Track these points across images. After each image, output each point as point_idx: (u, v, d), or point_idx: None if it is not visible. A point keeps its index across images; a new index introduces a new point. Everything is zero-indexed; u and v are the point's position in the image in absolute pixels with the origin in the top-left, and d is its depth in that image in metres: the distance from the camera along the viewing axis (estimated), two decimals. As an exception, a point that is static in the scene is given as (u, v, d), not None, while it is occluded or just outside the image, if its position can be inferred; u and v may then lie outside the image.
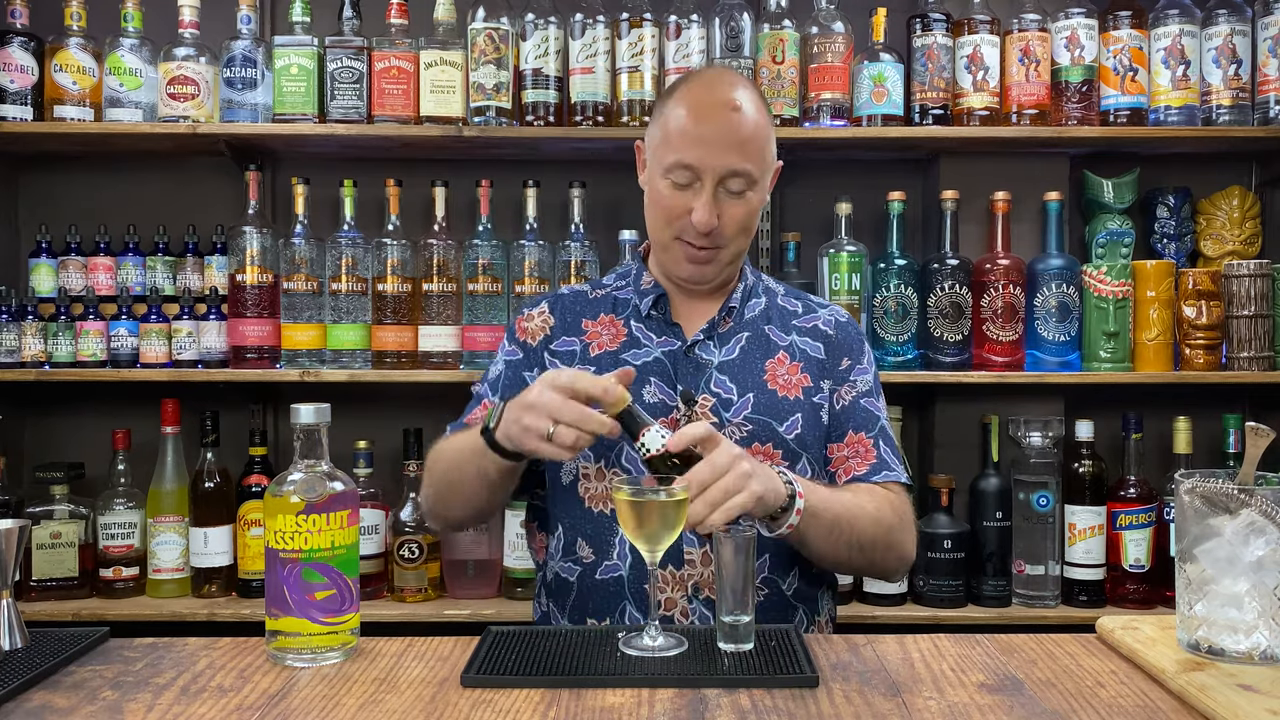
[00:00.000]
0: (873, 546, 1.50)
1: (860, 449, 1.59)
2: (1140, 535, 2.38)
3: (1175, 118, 2.43)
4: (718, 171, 1.49)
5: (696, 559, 1.49)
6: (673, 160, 1.50)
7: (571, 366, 1.58)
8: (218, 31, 2.46)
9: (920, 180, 2.67)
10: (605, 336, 1.61)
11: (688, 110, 1.51)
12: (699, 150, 1.49)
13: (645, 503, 1.23)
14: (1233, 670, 1.14)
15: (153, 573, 2.40)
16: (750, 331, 1.61)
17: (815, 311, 1.68)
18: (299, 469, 1.25)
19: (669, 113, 1.54)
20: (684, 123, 1.50)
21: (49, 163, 2.67)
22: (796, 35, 2.42)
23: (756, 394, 1.55)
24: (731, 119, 1.50)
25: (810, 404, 1.58)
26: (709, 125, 1.49)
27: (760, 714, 1.07)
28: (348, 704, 1.10)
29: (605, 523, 1.52)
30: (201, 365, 2.44)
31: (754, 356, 1.59)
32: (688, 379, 1.56)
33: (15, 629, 1.24)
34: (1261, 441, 1.24)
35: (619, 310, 1.64)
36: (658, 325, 1.61)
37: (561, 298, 1.69)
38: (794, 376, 1.58)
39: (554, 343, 1.63)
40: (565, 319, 1.65)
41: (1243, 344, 2.41)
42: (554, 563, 1.58)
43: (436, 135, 2.38)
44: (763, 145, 1.54)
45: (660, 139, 1.54)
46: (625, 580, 1.51)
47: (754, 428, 1.53)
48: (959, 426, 2.54)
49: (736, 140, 1.50)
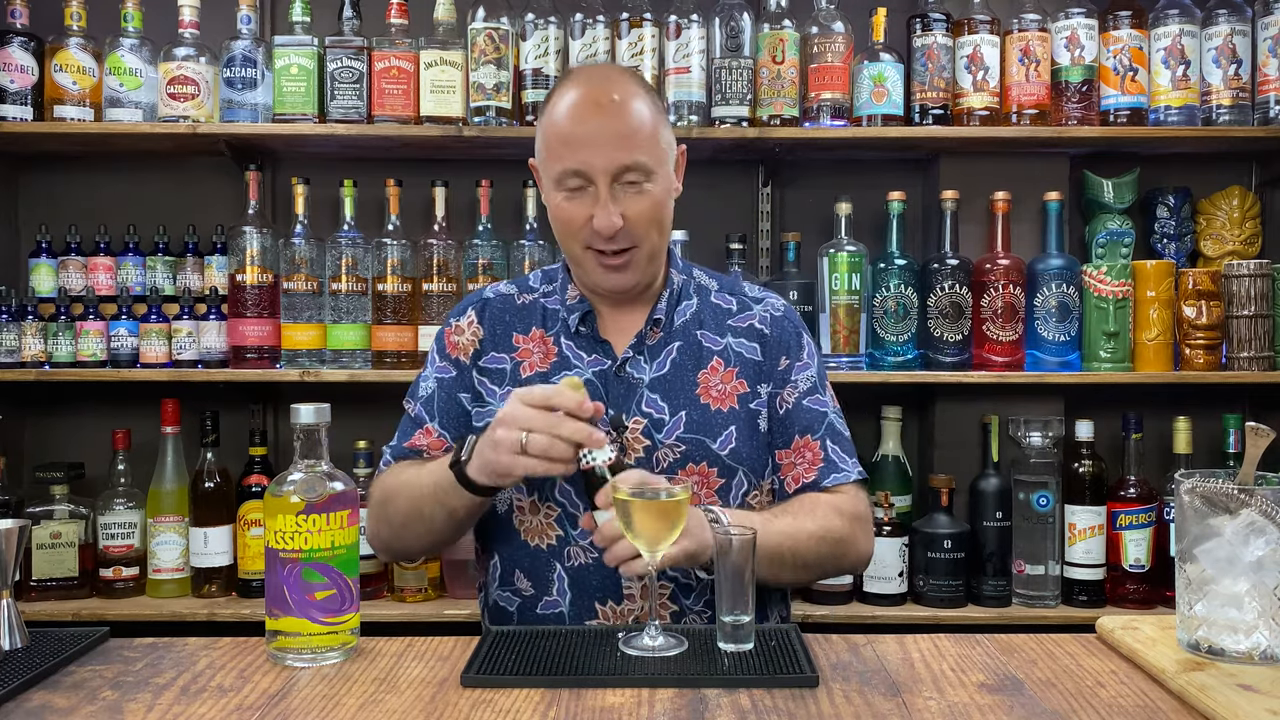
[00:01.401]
0: (819, 563, 1.50)
1: (807, 454, 1.54)
2: (1140, 535, 2.38)
3: (1175, 118, 2.43)
4: (608, 170, 1.43)
5: (636, 593, 1.47)
6: (560, 170, 1.45)
7: (501, 387, 1.54)
8: (218, 31, 2.46)
9: (920, 180, 2.67)
10: (536, 355, 1.55)
11: (564, 116, 1.45)
12: (583, 153, 1.43)
13: (645, 502, 1.23)
14: (1233, 670, 1.14)
15: (153, 573, 2.40)
16: (681, 340, 1.55)
17: (750, 309, 1.60)
18: (299, 469, 1.25)
19: (546, 123, 1.48)
20: (562, 129, 1.44)
21: (49, 163, 2.67)
22: (796, 35, 2.42)
23: (689, 410, 1.50)
24: (609, 115, 1.43)
25: (746, 411, 1.53)
26: (587, 125, 1.43)
27: (760, 714, 1.07)
28: (348, 704, 1.10)
29: (543, 557, 1.49)
30: (201, 365, 2.44)
31: (685, 369, 1.53)
32: (619, 401, 1.50)
33: (15, 629, 1.24)
34: (1261, 441, 1.24)
35: (549, 324, 1.57)
36: (587, 343, 1.55)
37: (489, 303, 1.61)
38: (728, 385, 1.53)
39: (483, 358, 1.57)
40: (494, 330, 1.58)
41: (1243, 344, 2.41)
42: (492, 589, 1.56)
43: (436, 135, 2.39)
44: (651, 133, 1.45)
45: (545, 152, 1.49)
46: (566, 617, 1.48)
47: (687, 448, 1.49)
48: (959, 426, 2.54)
49: (619, 135, 1.43)
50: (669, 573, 1.46)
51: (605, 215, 1.43)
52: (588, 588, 1.48)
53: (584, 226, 1.46)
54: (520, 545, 1.52)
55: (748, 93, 2.41)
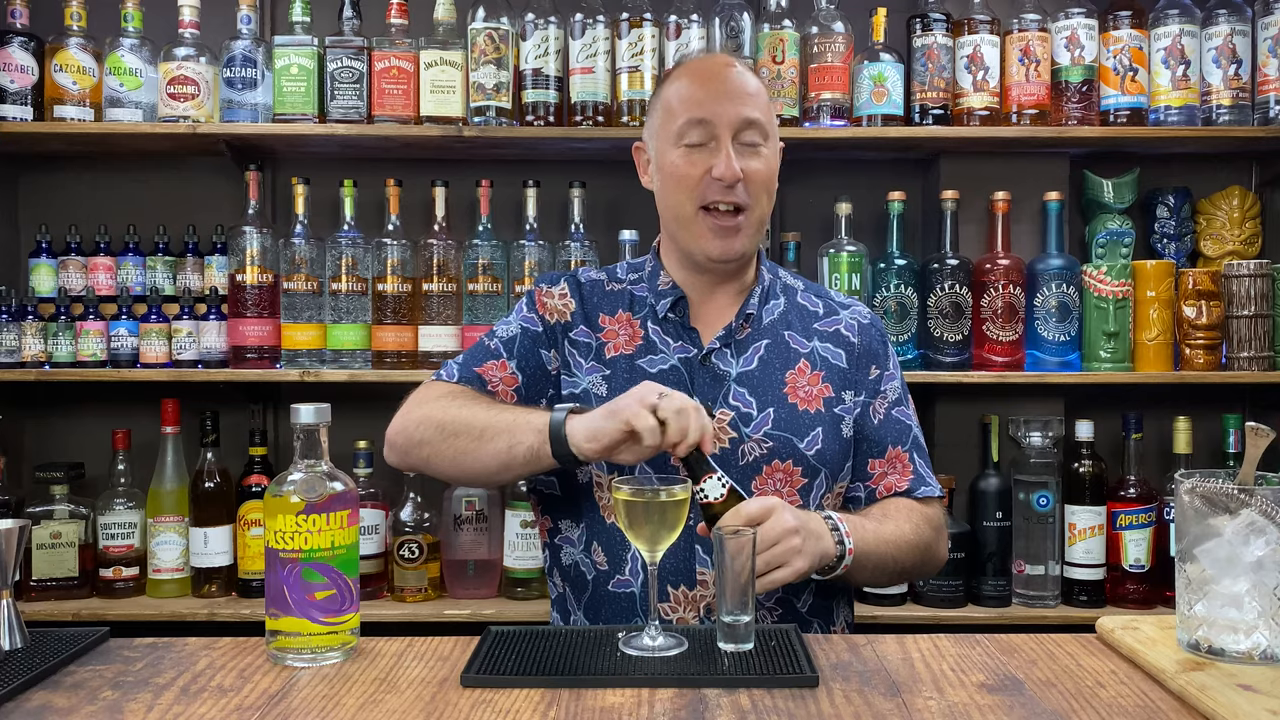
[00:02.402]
0: (911, 570, 1.56)
1: (899, 464, 1.59)
2: (1140, 535, 2.38)
3: (1175, 118, 2.43)
4: (733, 121, 1.49)
5: (709, 580, 1.48)
6: (684, 120, 1.50)
7: (587, 361, 1.56)
8: (218, 31, 2.46)
9: (920, 180, 2.67)
10: (622, 337, 1.57)
11: (689, 79, 1.53)
12: (710, 106, 1.49)
13: (645, 502, 1.23)
14: (1233, 670, 1.14)
15: (153, 573, 2.40)
16: (770, 339, 1.57)
17: (837, 314, 1.64)
18: (299, 469, 1.25)
19: (668, 92, 1.55)
20: (687, 90, 1.52)
21: (49, 163, 2.67)
22: (796, 35, 2.43)
23: (777, 408, 1.52)
24: (733, 74, 1.52)
25: (831, 415, 1.55)
26: (714, 84, 1.51)
27: (760, 714, 1.07)
28: (348, 704, 1.10)
29: (619, 536, 1.49)
30: (201, 365, 2.44)
31: (774, 367, 1.55)
32: (705, 390, 1.52)
33: (15, 629, 1.24)
34: (1261, 441, 1.24)
35: (636, 309, 1.59)
36: (674, 329, 1.57)
37: (580, 284, 1.63)
38: (814, 388, 1.55)
39: (574, 330, 1.59)
40: (585, 307, 1.60)
41: (1243, 344, 2.41)
42: (575, 550, 1.55)
43: (436, 135, 2.38)
44: (766, 103, 1.54)
45: (663, 117, 1.54)
46: (637, 598, 1.50)
47: (774, 444, 1.50)
48: (959, 426, 2.54)
49: (743, 91, 1.51)
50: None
51: (728, 163, 1.47)
52: (661, 570, 1.46)
53: (701, 180, 1.49)
54: (599, 519, 1.52)
55: (748, 93, 2.41)
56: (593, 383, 1.54)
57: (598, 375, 1.55)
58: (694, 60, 1.59)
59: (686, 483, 1.26)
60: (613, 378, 1.54)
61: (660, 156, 1.55)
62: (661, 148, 1.55)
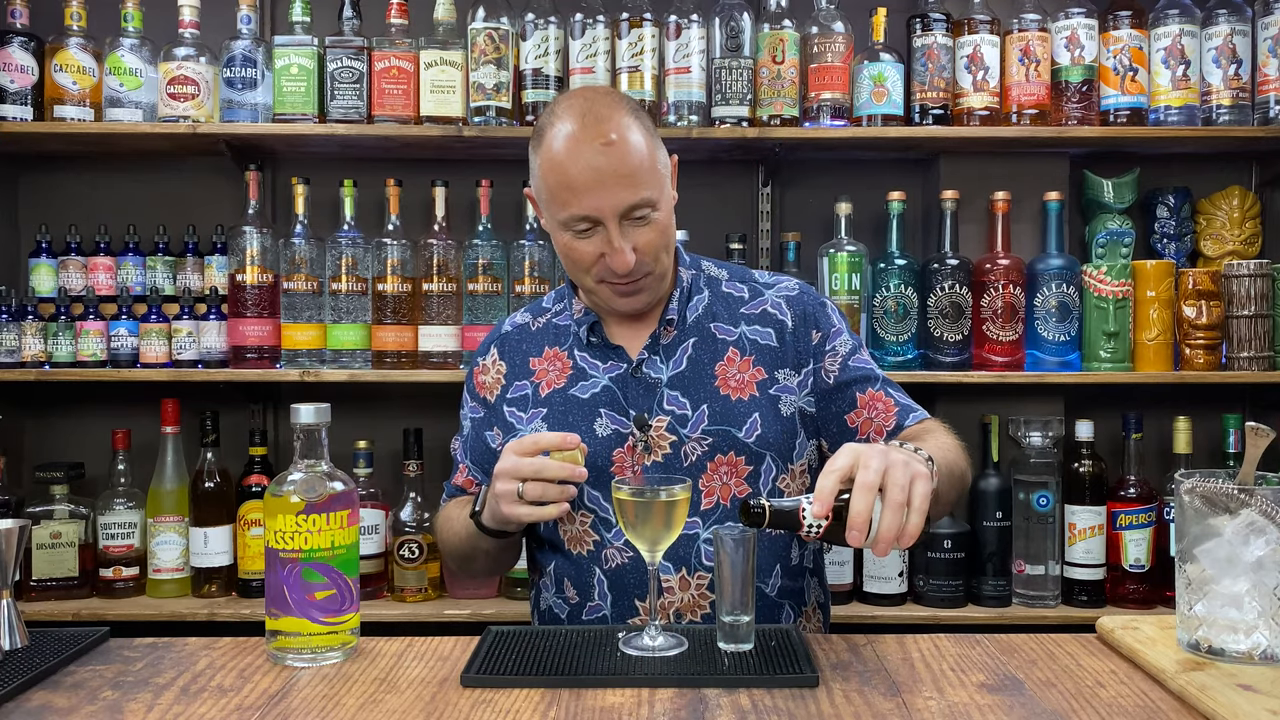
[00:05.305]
0: (962, 475, 1.48)
1: (879, 405, 1.55)
2: (1140, 535, 2.38)
3: (1175, 118, 2.43)
4: (617, 210, 1.42)
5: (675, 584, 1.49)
6: (567, 215, 1.44)
7: (526, 412, 1.57)
8: (218, 31, 2.46)
9: (920, 180, 2.67)
10: (553, 373, 1.58)
11: (565, 160, 1.42)
12: (588, 199, 1.42)
13: (645, 502, 1.23)
14: (1233, 670, 1.14)
15: (153, 573, 2.40)
16: (696, 335, 1.56)
17: (762, 294, 1.61)
18: (299, 469, 1.25)
19: (545, 163, 1.45)
20: (566, 176, 1.42)
21: (49, 163, 2.67)
22: (796, 35, 2.42)
23: (710, 403, 1.51)
24: (611, 157, 1.41)
25: (767, 397, 1.53)
26: (592, 172, 1.41)
27: (760, 714, 1.07)
28: (348, 704, 1.10)
29: (584, 564, 1.52)
30: (201, 365, 2.44)
31: (702, 363, 1.54)
32: (638, 402, 1.52)
33: (15, 629, 1.24)
34: (1261, 441, 1.24)
35: (561, 341, 1.60)
36: (599, 351, 1.57)
37: (507, 337, 1.65)
38: (745, 374, 1.54)
39: (509, 392, 1.60)
40: (514, 361, 1.62)
41: (1243, 344, 2.41)
42: (548, 595, 1.59)
43: (436, 135, 2.38)
44: (650, 164, 1.44)
45: (547, 194, 1.47)
46: (609, 619, 1.51)
47: (713, 439, 1.50)
48: (959, 426, 2.48)
49: (623, 176, 1.41)
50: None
51: (619, 256, 1.44)
52: (626, 587, 1.50)
53: (596, 263, 1.47)
54: (564, 554, 1.55)
55: (748, 93, 2.41)
56: (536, 427, 1.55)
57: (538, 419, 1.56)
58: (567, 122, 1.43)
59: (686, 482, 1.26)
60: (549, 415, 1.55)
61: (550, 225, 1.51)
62: (549, 220, 1.50)
